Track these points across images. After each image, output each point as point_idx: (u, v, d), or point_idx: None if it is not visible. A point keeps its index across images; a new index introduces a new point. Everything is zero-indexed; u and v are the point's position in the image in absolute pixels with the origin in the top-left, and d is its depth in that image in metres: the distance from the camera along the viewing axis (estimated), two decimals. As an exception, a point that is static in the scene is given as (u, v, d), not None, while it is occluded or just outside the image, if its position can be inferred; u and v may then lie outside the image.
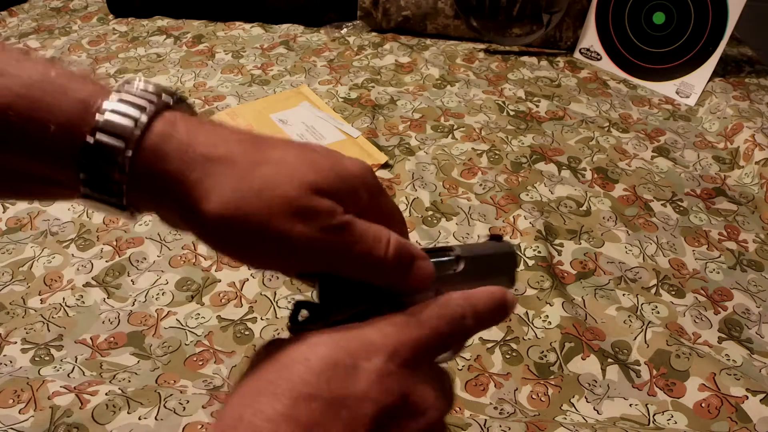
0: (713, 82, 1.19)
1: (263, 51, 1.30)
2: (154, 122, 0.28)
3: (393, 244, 0.30)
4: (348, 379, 0.27)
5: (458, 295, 0.32)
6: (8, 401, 0.60)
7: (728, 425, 0.62)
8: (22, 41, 1.34)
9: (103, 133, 0.27)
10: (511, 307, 0.34)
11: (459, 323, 0.31)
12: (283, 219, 0.27)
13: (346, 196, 0.29)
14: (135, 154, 0.27)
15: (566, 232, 0.86)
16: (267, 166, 0.28)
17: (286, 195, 0.28)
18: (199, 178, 0.27)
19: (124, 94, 0.28)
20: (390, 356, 0.28)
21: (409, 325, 0.29)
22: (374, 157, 0.98)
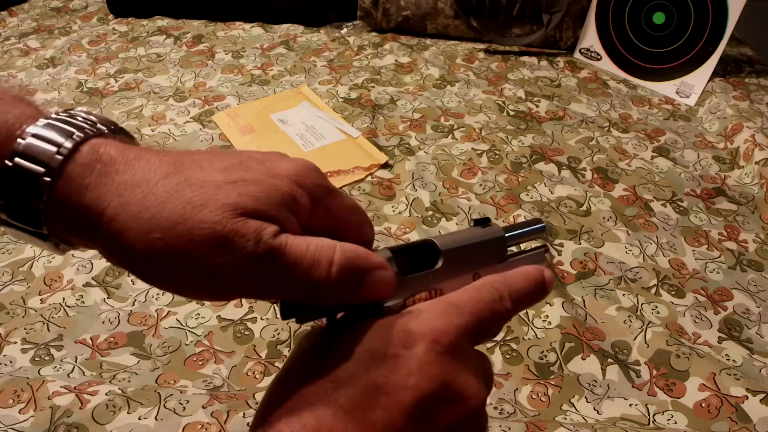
0: (713, 82, 1.19)
1: (263, 51, 1.30)
2: (79, 149, 0.26)
3: (336, 263, 0.27)
4: (387, 367, 0.27)
5: (495, 278, 0.32)
6: (8, 401, 0.60)
7: (728, 425, 0.62)
8: (22, 41, 1.34)
9: (23, 157, 0.26)
10: (550, 286, 0.34)
11: (497, 306, 0.31)
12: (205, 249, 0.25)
13: (280, 209, 0.27)
14: (54, 181, 0.26)
15: (566, 232, 0.86)
16: (186, 190, 0.26)
17: (204, 222, 0.25)
18: (116, 209, 0.26)
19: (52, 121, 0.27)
20: (431, 344, 0.28)
21: (449, 313, 0.29)
22: (374, 157, 0.98)
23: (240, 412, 0.58)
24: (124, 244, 0.26)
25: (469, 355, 0.29)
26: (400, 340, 0.28)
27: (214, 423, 0.57)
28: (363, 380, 0.26)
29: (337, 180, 0.93)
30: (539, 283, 0.34)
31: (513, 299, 0.32)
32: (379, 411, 0.26)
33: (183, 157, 0.28)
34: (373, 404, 0.26)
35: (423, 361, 0.27)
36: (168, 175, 0.27)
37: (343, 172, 0.95)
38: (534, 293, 0.33)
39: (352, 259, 0.28)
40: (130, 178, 0.26)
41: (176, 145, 1.01)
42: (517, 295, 0.32)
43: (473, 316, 0.30)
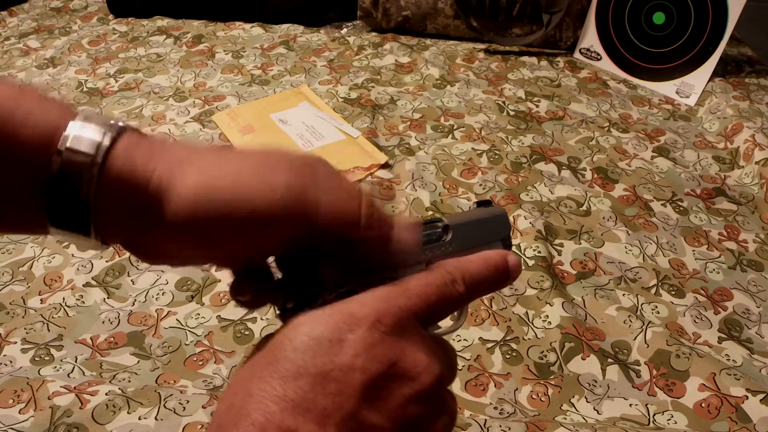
0: (713, 82, 1.19)
1: (263, 51, 1.30)
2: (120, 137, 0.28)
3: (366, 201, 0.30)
4: (333, 352, 0.27)
5: (449, 261, 0.32)
6: (8, 401, 0.60)
7: (728, 425, 0.62)
8: (22, 41, 1.34)
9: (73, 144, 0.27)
10: (514, 270, 0.34)
11: (448, 289, 0.31)
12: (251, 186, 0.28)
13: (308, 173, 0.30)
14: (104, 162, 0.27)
15: (566, 232, 0.86)
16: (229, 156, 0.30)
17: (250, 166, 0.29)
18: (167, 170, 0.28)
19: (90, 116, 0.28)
20: (373, 325, 0.28)
21: (392, 294, 0.29)
22: (374, 157, 0.98)
23: (240, 412, 0.58)
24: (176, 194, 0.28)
25: (418, 335, 0.29)
26: (344, 325, 0.28)
27: (214, 423, 0.57)
28: (311, 369, 0.26)
29: (337, 180, 0.93)
30: (500, 269, 0.33)
31: (467, 283, 0.32)
32: (329, 398, 0.26)
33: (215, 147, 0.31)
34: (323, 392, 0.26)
35: (368, 342, 0.27)
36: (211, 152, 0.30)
37: (343, 172, 0.95)
38: (493, 278, 0.33)
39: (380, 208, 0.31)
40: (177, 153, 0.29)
41: (176, 145, 1.01)
42: (472, 279, 0.32)
43: (420, 297, 0.30)
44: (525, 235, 0.84)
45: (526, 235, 0.84)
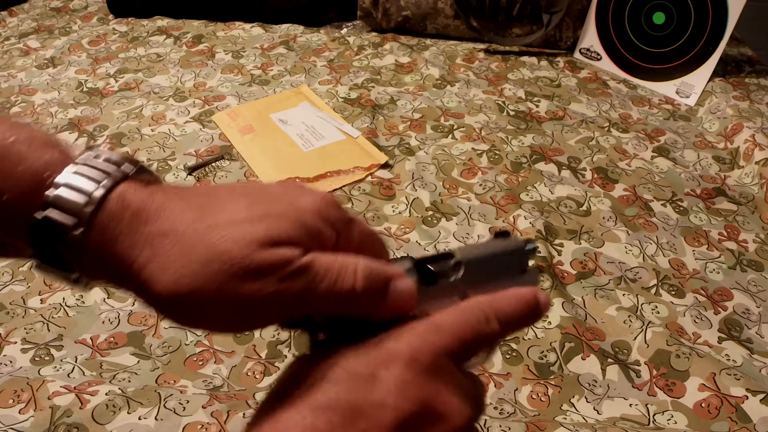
0: (713, 82, 1.19)
1: (263, 51, 1.30)
2: (108, 198, 0.27)
3: (361, 271, 0.29)
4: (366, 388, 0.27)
5: (482, 298, 0.32)
6: (8, 401, 0.60)
7: (728, 425, 0.62)
8: (22, 41, 1.34)
9: (54, 208, 0.26)
10: (543, 308, 0.33)
11: (482, 328, 0.31)
12: (236, 283, 0.26)
13: (306, 237, 0.28)
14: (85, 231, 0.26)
15: (566, 232, 0.86)
16: (214, 232, 0.27)
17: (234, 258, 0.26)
18: (146, 258, 0.27)
19: (80, 166, 0.27)
20: (408, 363, 0.27)
21: (428, 332, 0.29)
22: (374, 157, 0.98)
23: (240, 412, 0.58)
24: (154, 292, 0.27)
25: (450, 375, 0.29)
26: (378, 361, 0.27)
27: (214, 423, 0.57)
28: (342, 403, 0.26)
29: (337, 180, 0.93)
30: (531, 306, 0.33)
31: (501, 321, 0.31)
32: None
33: (206, 200, 0.29)
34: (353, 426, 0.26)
35: (401, 381, 0.27)
36: (194, 220, 0.28)
37: (343, 172, 0.95)
38: (525, 315, 0.33)
39: (376, 268, 0.29)
40: (158, 227, 0.27)
41: (176, 145, 1.01)
42: (506, 317, 0.32)
43: (455, 336, 0.29)
44: (525, 235, 0.84)
45: (526, 235, 0.84)
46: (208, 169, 0.96)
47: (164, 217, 0.27)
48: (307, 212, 0.29)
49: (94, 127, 1.06)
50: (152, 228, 0.27)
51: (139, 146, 1.00)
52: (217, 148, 1.00)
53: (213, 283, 0.26)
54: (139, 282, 0.27)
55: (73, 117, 1.09)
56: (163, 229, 0.27)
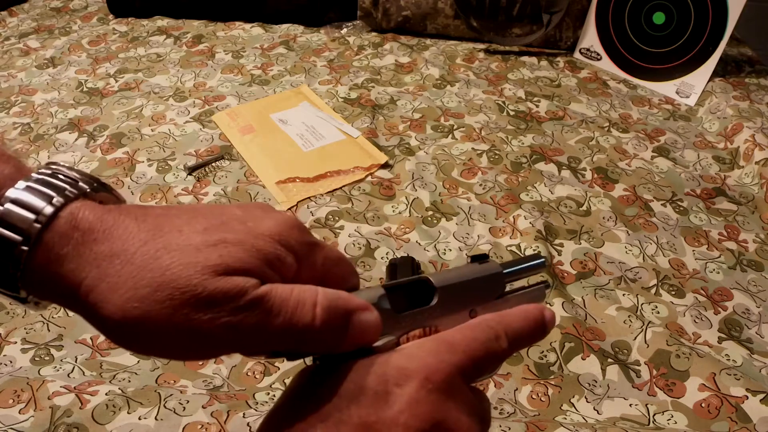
0: (713, 82, 1.19)
1: (263, 51, 1.30)
2: (59, 216, 0.26)
3: (320, 304, 0.27)
4: (378, 405, 0.27)
5: (492, 316, 0.32)
6: (8, 401, 0.60)
7: (728, 425, 0.62)
8: (22, 41, 1.34)
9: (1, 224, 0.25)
10: (549, 325, 0.34)
11: (492, 345, 0.31)
12: (187, 311, 0.25)
13: (262, 266, 0.27)
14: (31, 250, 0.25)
15: (566, 232, 0.86)
16: (165, 256, 0.26)
17: (185, 285, 0.25)
18: (94, 280, 0.25)
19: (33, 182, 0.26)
20: (422, 382, 0.27)
21: (441, 351, 0.29)
22: (374, 157, 0.98)
23: (240, 412, 0.58)
24: (102, 316, 0.25)
25: (462, 393, 0.29)
26: (391, 378, 0.27)
27: (214, 423, 0.57)
28: (354, 419, 0.26)
29: (337, 180, 0.93)
30: (538, 323, 0.33)
31: (510, 338, 0.31)
32: None
33: (162, 221, 0.27)
34: None
35: (414, 399, 0.27)
36: (146, 242, 0.26)
37: (343, 172, 0.95)
38: (533, 333, 0.33)
39: (335, 300, 0.28)
40: (108, 248, 0.26)
41: (176, 145, 1.01)
42: (514, 335, 0.32)
43: (466, 354, 0.29)
44: (525, 235, 0.84)
45: (526, 235, 0.84)
46: (208, 169, 0.96)
47: (115, 237, 0.26)
48: (266, 238, 0.28)
49: (94, 127, 1.06)
50: (102, 248, 0.26)
51: (139, 146, 1.00)
52: (217, 148, 1.00)
53: (163, 310, 0.25)
54: (86, 305, 0.26)
55: (73, 117, 1.09)
56: (113, 250, 0.26)
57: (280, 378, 0.66)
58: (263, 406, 0.60)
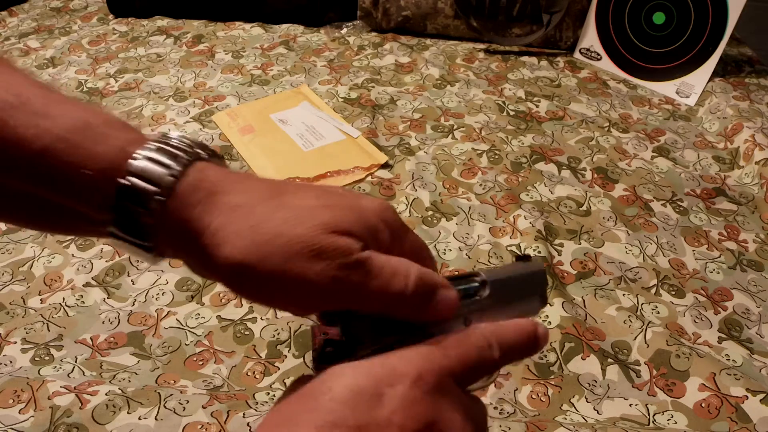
0: (713, 82, 1.19)
1: (263, 51, 1.30)
2: (188, 171, 0.29)
3: (413, 276, 0.30)
4: (372, 406, 0.27)
5: (486, 325, 0.32)
6: (8, 401, 0.60)
7: (728, 425, 0.62)
8: (22, 41, 1.34)
9: (138, 177, 0.28)
10: (542, 341, 0.34)
11: (485, 353, 0.31)
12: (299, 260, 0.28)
13: (366, 234, 0.30)
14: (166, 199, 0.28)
15: (566, 232, 0.86)
16: (284, 210, 0.29)
17: (301, 236, 0.28)
18: (220, 225, 0.28)
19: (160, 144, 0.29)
20: (414, 382, 0.28)
21: (434, 353, 0.29)
22: (374, 157, 0.98)
23: (240, 412, 0.58)
24: (223, 256, 0.28)
25: (455, 395, 0.29)
26: (384, 379, 0.28)
27: (214, 423, 0.57)
28: (348, 422, 0.26)
29: (337, 180, 0.93)
30: (531, 338, 0.34)
31: (502, 349, 0.32)
32: None
33: (280, 185, 0.31)
34: None
35: (407, 399, 0.27)
36: (267, 198, 0.30)
37: (343, 172, 0.95)
38: (525, 347, 0.34)
39: (426, 275, 0.31)
40: (233, 199, 0.29)
41: (176, 145, 1.01)
42: (507, 347, 0.32)
43: (459, 359, 0.30)
44: (525, 235, 0.84)
45: (526, 235, 0.84)
46: (208, 169, 0.96)
47: (240, 190, 0.30)
48: (369, 211, 0.31)
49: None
50: (228, 199, 0.29)
51: (139, 146, 1.00)
52: (217, 148, 1.00)
53: (277, 257, 0.28)
54: (208, 248, 0.28)
55: (73, 117, 1.08)
56: (238, 201, 0.29)
57: (280, 378, 0.66)
58: (263, 406, 0.60)
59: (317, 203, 0.30)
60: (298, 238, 0.28)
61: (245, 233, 0.28)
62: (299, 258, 0.28)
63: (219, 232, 0.28)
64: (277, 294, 0.29)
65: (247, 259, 0.28)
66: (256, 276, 0.28)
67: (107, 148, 0.29)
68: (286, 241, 0.28)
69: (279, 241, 0.28)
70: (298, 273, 0.28)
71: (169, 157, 0.29)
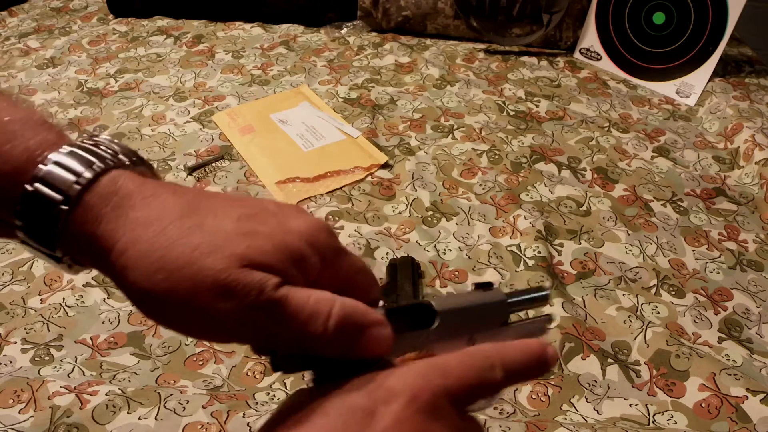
0: (713, 82, 1.19)
1: (263, 51, 1.30)
2: (99, 180, 0.27)
3: (335, 316, 0.28)
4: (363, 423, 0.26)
5: (490, 346, 0.31)
6: (8, 401, 0.60)
7: (728, 425, 0.62)
8: (22, 41, 1.34)
9: (43, 183, 0.27)
10: (551, 362, 0.32)
11: (487, 375, 0.30)
12: (208, 295, 0.26)
13: (287, 265, 0.28)
14: (71, 209, 0.27)
15: (566, 232, 0.86)
16: (197, 234, 0.27)
17: (210, 270, 0.26)
18: (126, 244, 0.26)
19: (75, 148, 0.27)
20: (409, 402, 0.27)
21: (432, 373, 0.29)
22: (374, 157, 0.98)
23: (240, 412, 0.58)
24: (129, 281, 0.26)
25: (449, 418, 0.29)
26: (379, 396, 0.27)
27: (214, 423, 0.57)
28: None
29: (337, 180, 0.93)
30: (539, 359, 0.32)
31: (506, 370, 0.31)
32: None
33: (199, 201, 0.28)
34: None
35: (399, 418, 0.27)
36: (181, 217, 0.27)
37: (343, 172, 0.95)
38: (531, 368, 0.32)
39: (351, 314, 0.28)
40: (144, 215, 0.27)
41: (176, 145, 1.01)
42: (511, 367, 0.31)
43: (459, 380, 0.29)
44: (525, 235, 0.84)
45: (526, 235, 0.84)
46: (208, 169, 0.96)
47: (152, 206, 0.27)
48: (295, 235, 0.28)
49: (94, 127, 1.06)
50: (138, 215, 0.27)
51: (139, 146, 1.00)
52: (217, 148, 1.00)
53: (185, 289, 0.26)
54: (116, 269, 0.27)
55: (73, 117, 1.09)
56: (148, 218, 0.27)
57: (280, 378, 0.66)
58: (263, 406, 0.60)
59: (234, 228, 0.27)
60: (207, 270, 0.26)
61: (153, 259, 0.26)
62: (207, 293, 0.26)
63: (126, 253, 0.26)
64: (186, 325, 0.28)
65: (154, 289, 0.26)
66: (164, 306, 0.27)
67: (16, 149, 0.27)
68: (195, 272, 0.26)
69: (188, 272, 0.26)
70: (205, 309, 0.26)
71: (82, 163, 0.27)
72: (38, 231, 0.27)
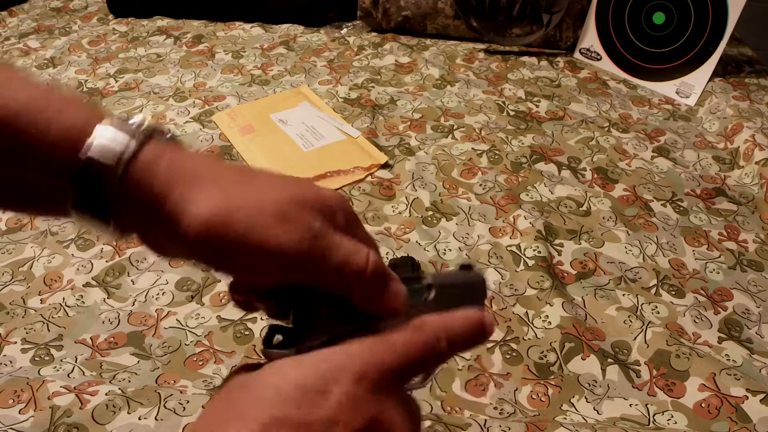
0: (713, 82, 1.19)
1: (263, 51, 1.30)
2: (145, 147, 0.29)
3: (372, 259, 0.30)
4: (317, 403, 0.27)
5: (433, 318, 0.32)
6: (8, 401, 0.60)
7: (728, 425, 0.62)
8: (22, 41, 1.34)
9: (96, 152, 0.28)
10: (489, 330, 0.34)
11: (433, 346, 0.31)
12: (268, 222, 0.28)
13: (327, 213, 0.30)
14: (124, 173, 0.28)
15: (566, 232, 0.86)
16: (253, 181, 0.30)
17: (272, 200, 0.29)
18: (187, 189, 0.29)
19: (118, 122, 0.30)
20: (358, 379, 0.28)
21: (379, 348, 0.29)
22: (374, 157, 0.98)
23: (240, 412, 0.58)
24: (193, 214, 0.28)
25: (396, 392, 0.30)
26: (330, 375, 0.28)
27: (214, 423, 0.57)
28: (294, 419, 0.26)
29: (337, 180, 0.93)
30: (479, 327, 0.33)
31: (450, 341, 0.32)
32: None
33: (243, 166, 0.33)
34: None
35: (350, 396, 0.27)
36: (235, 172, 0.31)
37: (343, 172, 0.95)
38: (473, 337, 0.33)
39: (381, 263, 0.31)
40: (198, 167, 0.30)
41: (176, 145, 1.01)
42: (455, 338, 0.32)
43: (406, 355, 0.30)
44: (525, 235, 0.84)
45: (526, 235, 0.84)
46: (208, 169, 0.96)
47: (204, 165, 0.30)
48: (329, 194, 0.32)
49: (94, 127, 1.06)
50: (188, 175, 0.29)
51: (139, 146, 1.00)
52: (217, 148, 1.00)
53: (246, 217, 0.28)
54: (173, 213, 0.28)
55: (73, 117, 1.08)
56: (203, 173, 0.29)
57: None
58: (263, 406, 0.60)
59: (282, 181, 0.31)
60: (269, 200, 0.29)
61: (214, 194, 0.28)
62: (268, 219, 0.28)
63: (186, 195, 0.28)
64: (239, 258, 0.29)
65: (214, 218, 0.28)
66: (221, 236, 0.28)
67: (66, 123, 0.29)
68: (257, 203, 0.29)
69: (249, 203, 0.28)
70: (265, 236, 0.28)
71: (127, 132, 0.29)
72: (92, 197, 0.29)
